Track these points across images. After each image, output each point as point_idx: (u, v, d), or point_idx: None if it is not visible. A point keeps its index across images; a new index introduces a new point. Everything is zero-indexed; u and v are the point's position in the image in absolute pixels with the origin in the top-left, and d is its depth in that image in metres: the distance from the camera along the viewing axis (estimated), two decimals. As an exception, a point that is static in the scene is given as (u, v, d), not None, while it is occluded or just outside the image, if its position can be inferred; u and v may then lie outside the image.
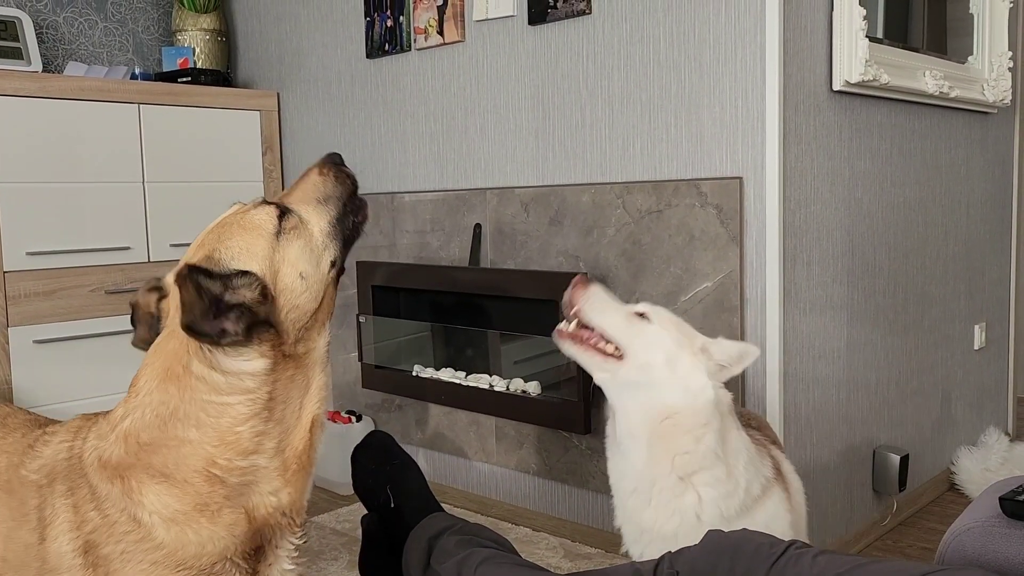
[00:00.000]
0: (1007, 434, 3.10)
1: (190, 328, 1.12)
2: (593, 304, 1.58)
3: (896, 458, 2.42)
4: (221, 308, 1.15)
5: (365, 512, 1.80)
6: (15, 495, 1.27)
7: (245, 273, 1.19)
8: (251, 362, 1.19)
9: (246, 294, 1.17)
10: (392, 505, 1.71)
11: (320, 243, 1.28)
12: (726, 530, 1.29)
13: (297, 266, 1.24)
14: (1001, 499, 1.36)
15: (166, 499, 1.17)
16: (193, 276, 1.14)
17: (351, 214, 1.36)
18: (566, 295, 1.60)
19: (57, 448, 1.29)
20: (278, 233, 1.24)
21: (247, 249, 1.22)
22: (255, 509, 1.21)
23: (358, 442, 1.82)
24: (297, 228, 1.26)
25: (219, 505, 1.18)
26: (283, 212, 1.27)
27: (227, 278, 1.17)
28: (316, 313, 1.26)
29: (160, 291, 1.30)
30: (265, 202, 1.30)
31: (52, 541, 1.21)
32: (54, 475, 1.25)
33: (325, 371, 1.30)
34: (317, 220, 1.30)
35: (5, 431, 1.37)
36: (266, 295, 1.19)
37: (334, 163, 1.40)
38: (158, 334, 1.27)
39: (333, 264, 1.29)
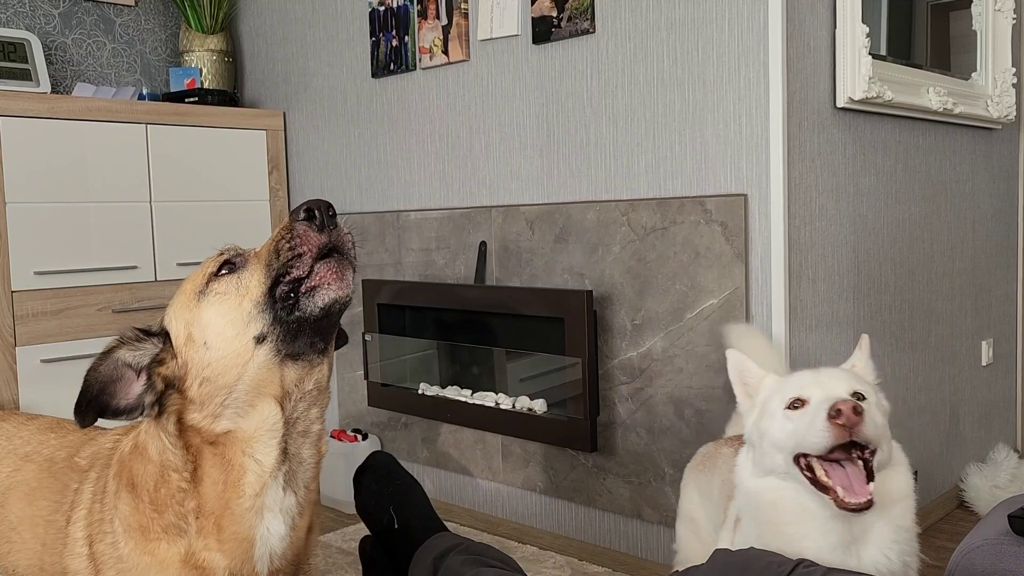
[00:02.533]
0: (1016, 451, 3.08)
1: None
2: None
3: (904, 475, 2.40)
4: (135, 377, 1.13)
5: (368, 534, 1.79)
6: (62, 479, 1.30)
7: (163, 333, 1.15)
8: (165, 419, 1.15)
9: (147, 360, 1.13)
10: (396, 526, 1.71)
11: (245, 314, 1.10)
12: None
13: (205, 333, 1.11)
14: (1010, 516, 1.35)
15: (125, 510, 1.18)
16: (88, 372, 1.11)
17: (290, 286, 1.11)
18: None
19: (109, 438, 1.32)
20: (201, 293, 1.14)
21: (174, 306, 1.17)
22: (195, 557, 1.15)
23: (360, 464, 1.82)
24: (226, 293, 1.12)
25: (157, 536, 1.16)
26: (225, 270, 1.14)
27: (153, 339, 1.14)
28: (236, 390, 1.11)
29: None
30: (224, 253, 1.18)
31: (73, 524, 1.23)
32: (94, 461, 1.29)
33: (262, 456, 1.14)
34: (253, 286, 1.12)
35: (64, 432, 1.41)
36: (164, 360, 1.13)
37: (293, 217, 1.14)
38: None
39: (258, 339, 1.10)
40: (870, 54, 2.17)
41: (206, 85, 3.29)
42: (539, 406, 2.51)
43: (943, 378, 2.73)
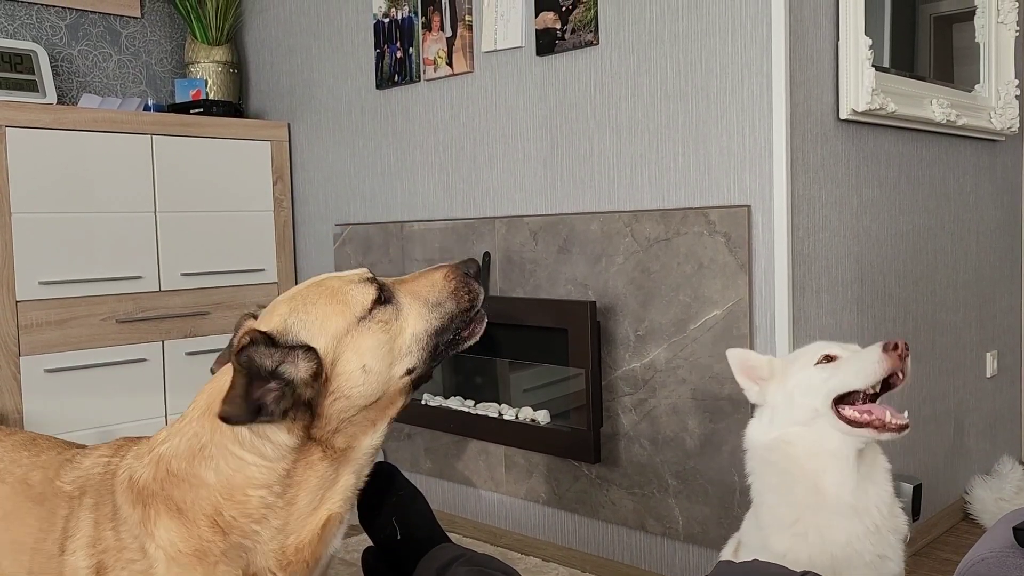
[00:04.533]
0: (1021, 463, 3.06)
1: (223, 419, 1.07)
2: None
3: (909, 487, 2.39)
4: (268, 381, 1.10)
5: (370, 545, 1.79)
6: (45, 505, 1.26)
7: (308, 349, 1.13)
8: (276, 431, 1.14)
9: (297, 372, 1.11)
10: (398, 536, 1.70)
11: (405, 346, 1.20)
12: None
13: (364, 357, 1.16)
14: (1015, 529, 1.35)
15: (173, 536, 1.15)
16: (248, 360, 1.08)
17: (455, 331, 1.25)
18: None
19: (95, 461, 1.29)
20: (363, 318, 1.17)
21: (322, 322, 1.16)
22: None
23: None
24: (388, 323, 1.19)
25: (216, 559, 1.15)
26: (383, 299, 1.20)
27: (289, 351, 1.12)
28: (368, 411, 1.18)
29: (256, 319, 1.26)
30: (373, 280, 1.22)
31: (70, 555, 1.20)
32: (86, 488, 1.25)
33: (360, 471, 1.21)
34: (414, 322, 1.21)
35: (38, 450, 1.37)
36: (318, 376, 1.13)
37: (465, 272, 1.28)
38: None
39: (409, 371, 1.21)
40: (873, 66, 2.17)
41: (211, 96, 3.31)
42: (542, 417, 2.50)
43: (947, 390, 2.73)
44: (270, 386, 1.10)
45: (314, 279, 1.24)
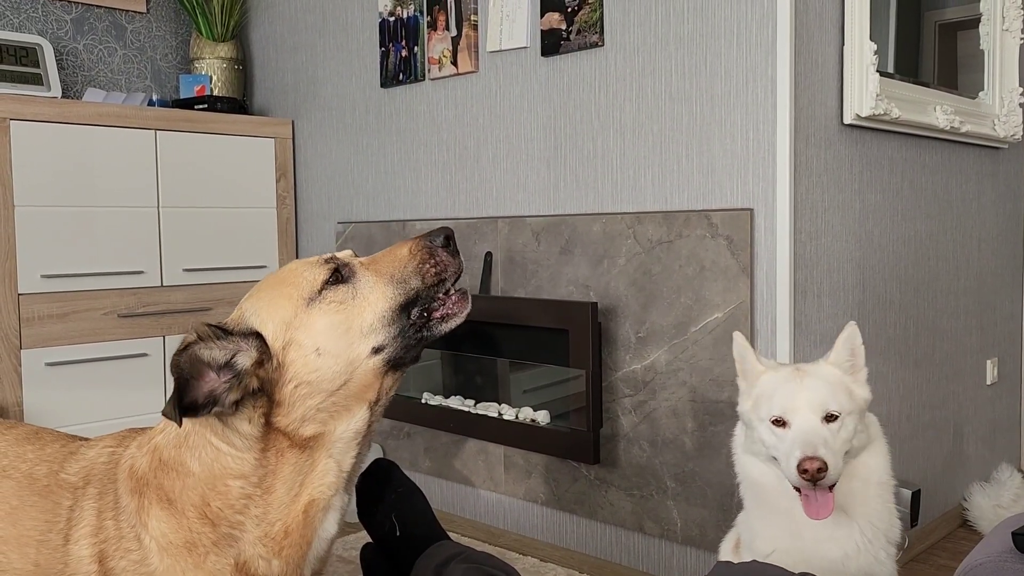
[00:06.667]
0: (1020, 471, 3.06)
1: (164, 415, 1.06)
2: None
3: (908, 493, 2.39)
4: (219, 373, 1.09)
5: (369, 541, 1.79)
6: (51, 498, 1.27)
7: (256, 336, 1.12)
8: (239, 421, 1.13)
9: (244, 360, 1.09)
10: (397, 533, 1.70)
11: (366, 325, 1.15)
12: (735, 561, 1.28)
13: (317, 339, 1.13)
14: (1014, 534, 1.35)
15: (164, 526, 1.16)
16: (190, 359, 1.06)
17: (424, 306, 1.20)
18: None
19: (100, 452, 1.29)
20: (312, 300, 1.15)
21: (270, 307, 1.15)
22: (246, 565, 1.16)
23: (362, 471, 1.81)
24: (343, 303, 1.15)
25: (206, 549, 1.15)
26: (339, 279, 1.17)
27: (242, 340, 1.11)
28: (337, 395, 1.15)
29: None
30: (331, 260, 1.19)
31: (74, 543, 1.21)
32: (90, 477, 1.26)
33: (340, 457, 1.18)
34: (376, 300, 1.17)
35: (42, 443, 1.38)
36: (263, 362, 1.11)
37: (429, 244, 1.21)
38: None
39: (376, 351, 1.16)
40: (878, 71, 2.18)
41: (216, 92, 3.31)
42: (542, 417, 2.51)
43: (947, 396, 2.73)
44: (218, 378, 1.09)
45: (284, 266, 1.24)
